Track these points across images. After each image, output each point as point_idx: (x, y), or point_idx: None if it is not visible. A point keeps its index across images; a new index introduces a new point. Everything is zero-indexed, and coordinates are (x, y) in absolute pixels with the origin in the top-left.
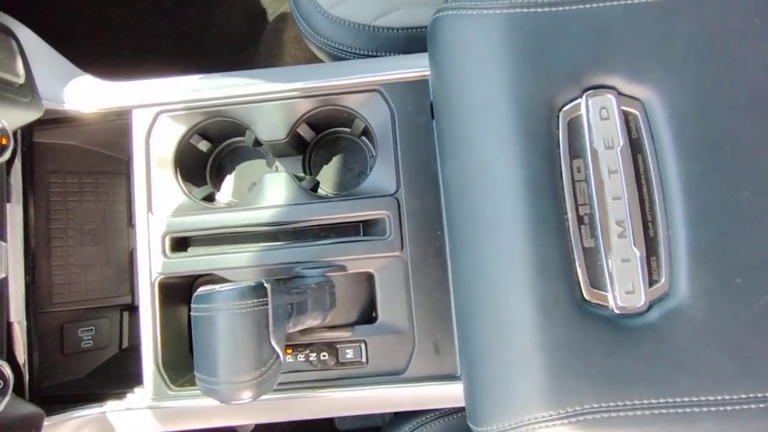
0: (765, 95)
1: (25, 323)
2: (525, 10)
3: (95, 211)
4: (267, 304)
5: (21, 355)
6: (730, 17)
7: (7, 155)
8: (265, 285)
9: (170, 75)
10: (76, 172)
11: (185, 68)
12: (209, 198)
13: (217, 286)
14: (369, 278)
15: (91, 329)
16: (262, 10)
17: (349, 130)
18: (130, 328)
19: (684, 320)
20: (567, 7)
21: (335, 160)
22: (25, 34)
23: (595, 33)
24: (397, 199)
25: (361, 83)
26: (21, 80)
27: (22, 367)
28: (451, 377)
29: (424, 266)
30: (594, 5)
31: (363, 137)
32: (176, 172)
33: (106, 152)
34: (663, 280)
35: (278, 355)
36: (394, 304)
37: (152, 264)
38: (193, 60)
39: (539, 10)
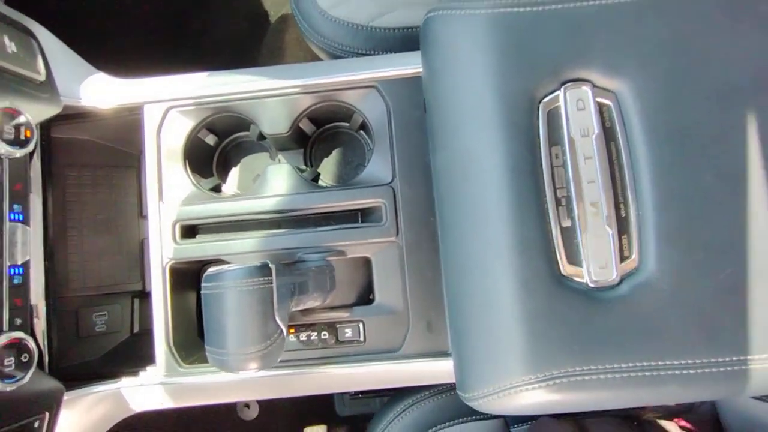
0: (727, 88)
1: (44, 307)
2: (508, 9)
3: (108, 203)
4: (271, 283)
5: (41, 336)
6: (697, 16)
7: (31, 146)
8: (270, 265)
9: (178, 74)
10: (90, 165)
11: (191, 68)
12: (216, 189)
13: (225, 266)
14: (366, 262)
15: (105, 314)
16: (265, 12)
17: (348, 124)
18: (141, 313)
19: (652, 292)
20: (546, 7)
21: (335, 153)
22: (44, 35)
23: (572, 31)
24: (393, 188)
25: (358, 80)
26: (41, 78)
27: (42, 348)
28: (443, 354)
29: (418, 250)
30: (571, 5)
31: (361, 131)
32: (185, 165)
33: (119, 147)
34: (633, 256)
35: (282, 331)
36: (390, 286)
37: (163, 250)
38: (199, 60)
39: (520, 9)
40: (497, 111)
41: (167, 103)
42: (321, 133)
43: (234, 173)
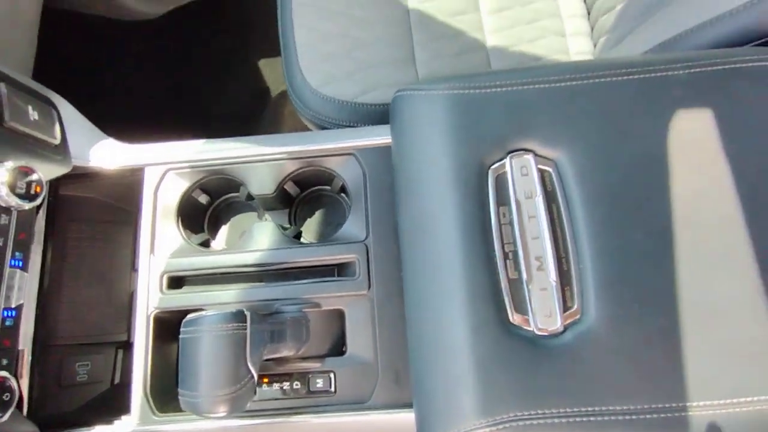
0: (648, 158)
1: (30, 354)
2: (461, 91)
3: (104, 257)
4: (246, 329)
5: (24, 382)
6: (621, 99)
7: (39, 200)
8: (245, 313)
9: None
10: (91, 221)
11: (199, 136)
12: (205, 244)
13: (203, 312)
14: (340, 315)
15: (87, 364)
16: (267, 88)
17: (329, 187)
18: (123, 364)
19: (593, 341)
20: (494, 89)
21: (317, 214)
22: (64, 106)
23: (516, 109)
24: (366, 245)
25: (339, 148)
26: (57, 141)
27: (23, 394)
28: (409, 406)
29: (388, 304)
30: (514, 88)
31: (342, 194)
32: (178, 221)
33: (119, 204)
34: (575, 306)
35: (252, 376)
36: (361, 338)
37: (149, 299)
38: (206, 128)
39: (472, 91)
40: (452, 176)
41: (166, 166)
42: (305, 196)
43: (223, 230)
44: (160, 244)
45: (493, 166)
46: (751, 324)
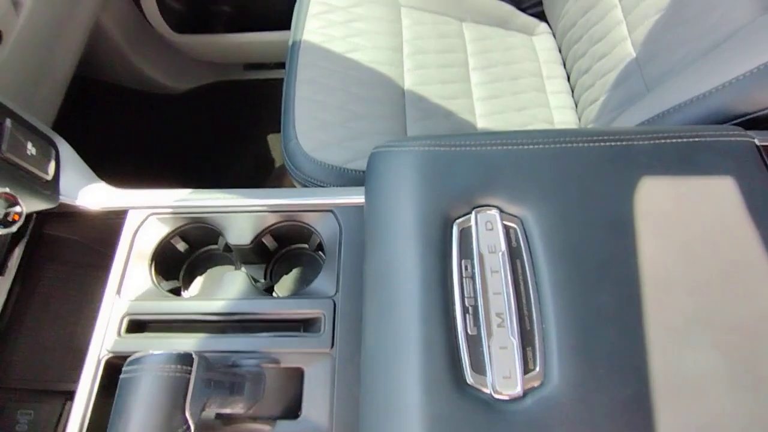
0: (613, 219)
1: None
2: (431, 148)
3: (75, 300)
4: (190, 374)
5: None
6: (587, 164)
7: (13, 228)
8: (193, 356)
9: None
10: (70, 262)
11: None
12: (175, 292)
13: (149, 351)
14: (299, 374)
15: (30, 413)
16: (272, 159)
17: (307, 245)
18: (67, 418)
19: (555, 408)
20: (462, 148)
21: (293, 272)
22: (64, 147)
23: (482, 167)
24: (334, 301)
25: (318, 204)
26: (48, 177)
27: None
28: None
29: (350, 365)
30: (482, 148)
31: (319, 252)
32: (151, 265)
33: (99, 248)
34: (537, 369)
35: (188, 428)
36: (318, 400)
37: (104, 342)
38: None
39: (441, 148)
40: (417, 228)
41: (149, 210)
42: (284, 253)
43: (198, 281)
44: (129, 287)
45: (458, 220)
46: (724, 397)
